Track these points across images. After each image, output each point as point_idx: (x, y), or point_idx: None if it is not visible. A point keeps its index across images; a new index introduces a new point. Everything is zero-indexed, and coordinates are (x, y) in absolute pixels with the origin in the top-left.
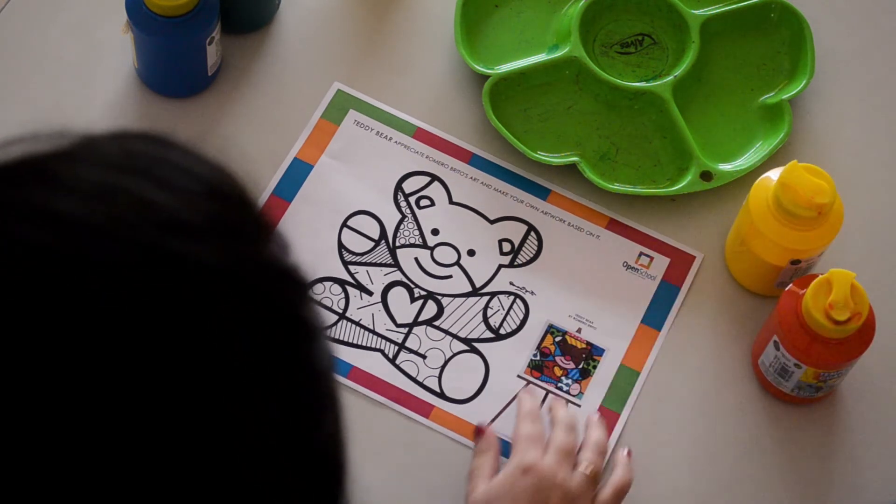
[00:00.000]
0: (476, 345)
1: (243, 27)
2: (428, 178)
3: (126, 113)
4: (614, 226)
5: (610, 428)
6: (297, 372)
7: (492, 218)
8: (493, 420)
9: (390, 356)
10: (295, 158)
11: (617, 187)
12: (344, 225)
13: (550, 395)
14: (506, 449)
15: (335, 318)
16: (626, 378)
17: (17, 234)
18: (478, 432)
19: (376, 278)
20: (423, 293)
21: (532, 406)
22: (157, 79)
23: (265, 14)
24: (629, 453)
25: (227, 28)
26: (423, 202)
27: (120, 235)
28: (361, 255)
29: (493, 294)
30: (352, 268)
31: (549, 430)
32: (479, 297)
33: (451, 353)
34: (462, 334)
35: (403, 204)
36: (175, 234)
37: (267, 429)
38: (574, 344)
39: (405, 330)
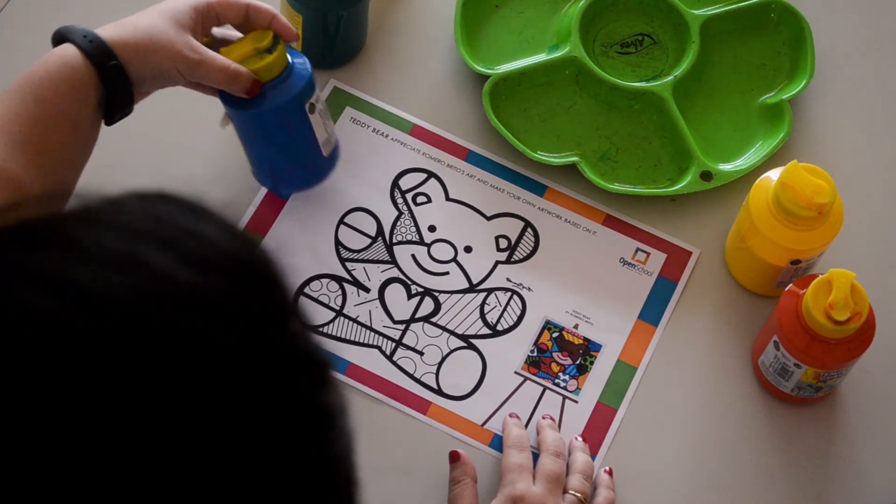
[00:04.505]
0: (473, 341)
1: None
2: (424, 175)
3: None
4: (611, 222)
5: (607, 424)
6: (313, 460)
7: (488, 214)
8: (489, 417)
9: (387, 353)
10: None
11: (617, 187)
12: (341, 222)
13: (538, 417)
14: (497, 443)
15: (332, 315)
16: (623, 374)
17: (27, 301)
18: (453, 458)
19: (373, 275)
20: (420, 290)
21: (518, 434)
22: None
23: None
24: (610, 472)
25: None
26: (420, 199)
27: (134, 310)
28: (358, 251)
29: (489, 290)
30: (349, 265)
31: (537, 434)
32: (476, 294)
33: (448, 350)
34: (459, 331)
35: (400, 201)
36: (193, 312)
37: None
38: (571, 340)
39: (402, 326)
